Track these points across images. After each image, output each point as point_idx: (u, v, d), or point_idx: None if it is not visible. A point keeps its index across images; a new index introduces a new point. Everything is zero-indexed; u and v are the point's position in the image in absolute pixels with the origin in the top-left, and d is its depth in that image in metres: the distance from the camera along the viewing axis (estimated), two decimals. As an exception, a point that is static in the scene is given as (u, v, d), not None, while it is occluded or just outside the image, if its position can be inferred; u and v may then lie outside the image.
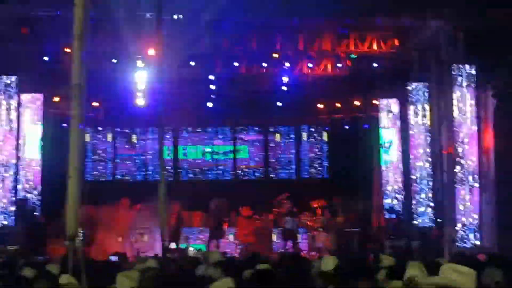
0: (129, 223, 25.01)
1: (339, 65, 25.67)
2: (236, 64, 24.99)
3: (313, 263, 9.54)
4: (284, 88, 26.54)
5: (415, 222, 24.68)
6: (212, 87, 25.96)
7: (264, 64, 25.52)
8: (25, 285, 8.03)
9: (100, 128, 29.04)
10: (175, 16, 22.05)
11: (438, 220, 23.12)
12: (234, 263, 11.11)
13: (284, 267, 10.64)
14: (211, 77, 25.51)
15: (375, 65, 25.28)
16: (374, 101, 27.88)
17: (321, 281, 8.52)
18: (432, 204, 24.15)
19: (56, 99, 26.45)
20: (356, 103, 28.50)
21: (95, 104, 26.50)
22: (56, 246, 21.91)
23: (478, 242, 21.44)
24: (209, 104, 27.58)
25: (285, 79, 26.20)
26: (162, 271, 9.58)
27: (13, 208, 22.99)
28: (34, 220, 24.11)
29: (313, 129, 30.27)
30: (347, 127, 28.77)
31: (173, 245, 23.37)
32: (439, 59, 22.87)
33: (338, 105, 29.14)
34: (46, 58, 23.49)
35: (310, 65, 25.83)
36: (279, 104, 27.44)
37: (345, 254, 21.31)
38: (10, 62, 22.74)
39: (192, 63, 24.73)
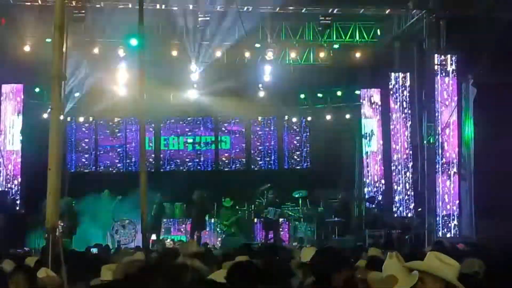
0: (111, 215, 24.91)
1: (321, 54, 25.65)
2: (218, 52, 24.91)
3: (293, 254, 9.56)
4: (267, 78, 26.51)
5: (395, 212, 24.81)
6: (195, 76, 25.82)
7: (247, 54, 25.44)
8: (3, 278, 7.98)
9: (81, 119, 28.83)
10: (157, 6, 22.00)
11: (418, 209, 23.23)
12: (211, 254, 11.16)
13: (264, 258, 10.66)
14: (193, 66, 25.37)
15: (357, 54, 25.31)
16: (356, 91, 27.91)
17: (301, 272, 8.54)
18: (412, 193, 24.27)
19: (37, 89, 26.31)
20: (338, 93, 28.52)
21: (76, 94, 26.31)
22: (35, 238, 21.89)
23: (457, 231, 21.60)
24: (192, 93, 27.49)
25: (268, 68, 26.16)
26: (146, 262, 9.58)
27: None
28: (14, 212, 23.96)
29: (294, 119, 30.23)
30: (328, 117, 28.74)
31: (153, 237, 23.35)
32: (420, 49, 22.92)
33: (320, 95, 29.14)
34: (27, 49, 23.32)
35: (293, 54, 25.82)
36: (261, 94, 27.39)
37: (325, 244, 21.31)
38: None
39: (174, 53, 24.68)
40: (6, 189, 24.34)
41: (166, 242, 22.33)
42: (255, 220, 26.40)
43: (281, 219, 25.76)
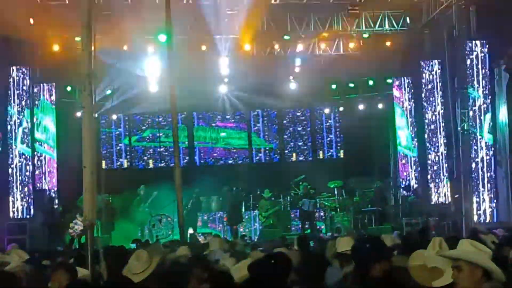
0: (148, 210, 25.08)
1: (351, 44, 25.55)
2: (247, 46, 24.88)
3: (329, 244, 9.55)
4: (297, 69, 26.49)
5: (432, 199, 24.70)
6: (225, 70, 25.79)
7: (276, 46, 25.41)
8: (44, 275, 8.07)
9: (114, 116, 29.00)
10: (185, 1, 22.05)
11: (455, 196, 23.08)
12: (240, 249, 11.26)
13: (300, 249, 10.70)
14: (222, 60, 25.34)
15: (387, 43, 25.17)
16: (388, 80, 27.79)
17: (337, 261, 8.54)
18: (448, 180, 24.13)
19: (68, 88, 26.49)
20: (370, 82, 28.38)
21: (108, 92, 26.47)
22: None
23: (494, 217, 21.47)
24: (222, 88, 27.56)
25: (298, 60, 26.13)
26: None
27: (31, 199, 23.13)
28: (52, 210, 24.19)
29: (327, 110, 30.19)
30: (361, 107, 28.63)
31: (190, 230, 23.50)
32: (451, 36, 22.74)
33: (351, 85, 29.03)
34: (56, 48, 23.48)
35: (322, 45, 25.74)
36: (292, 86, 27.35)
37: (363, 234, 21.30)
38: (21, 53, 22.80)
39: (204, 47, 24.73)
40: (44, 188, 24.59)
41: (198, 236, 22.39)
42: (292, 211, 26.42)
43: (317, 210, 25.81)
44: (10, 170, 22.85)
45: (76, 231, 21.83)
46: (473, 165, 21.53)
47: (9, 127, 23.03)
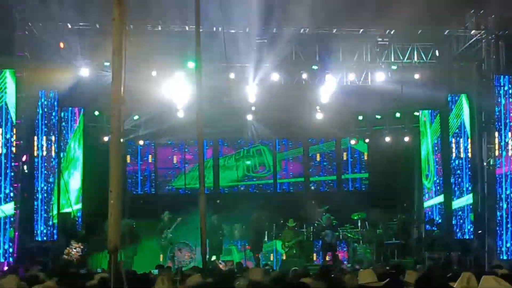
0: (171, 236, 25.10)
1: (379, 76, 25.48)
2: (275, 75, 24.91)
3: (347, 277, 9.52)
4: (324, 99, 26.46)
5: (455, 234, 24.50)
6: (252, 98, 25.80)
7: (304, 75, 25.41)
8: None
9: (141, 142, 29.10)
10: (214, 29, 22.16)
11: (479, 231, 22.91)
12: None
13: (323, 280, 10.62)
14: (250, 88, 25.35)
15: (415, 76, 25.08)
16: (415, 113, 27.69)
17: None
18: (472, 215, 23.95)
19: (96, 113, 26.65)
20: (397, 114, 28.25)
21: (136, 117, 26.62)
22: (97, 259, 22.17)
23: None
24: (249, 117, 27.61)
25: (325, 90, 26.10)
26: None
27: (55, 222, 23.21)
28: (75, 233, 24.26)
29: (353, 142, 30.13)
30: (387, 139, 28.50)
31: (213, 258, 23.47)
32: (479, 70, 22.69)
33: (378, 116, 28.95)
34: (85, 73, 23.60)
35: (351, 76, 25.72)
36: (319, 116, 27.32)
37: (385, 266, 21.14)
38: (50, 77, 22.95)
39: (232, 75, 24.78)
40: (68, 211, 24.68)
41: (219, 263, 22.35)
42: (314, 242, 26.32)
43: (339, 241, 25.71)
44: (36, 194, 22.94)
45: (72, 256, 21.91)
46: (498, 200, 21.39)
47: (36, 152, 23.11)
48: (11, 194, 20.89)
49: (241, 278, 8.86)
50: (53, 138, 23.39)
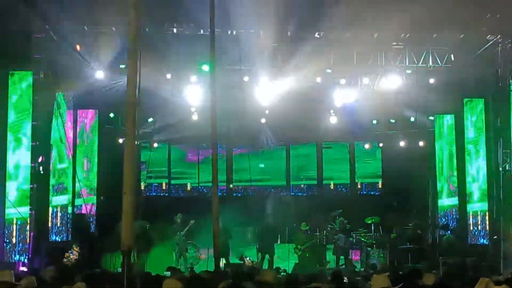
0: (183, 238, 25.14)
1: (394, 80, 25.42)
2: (289, 78, 24.91)
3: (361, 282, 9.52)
4: (338, 103, 26.43)
5: (470, 239, 24.41)
6: (265, 101, 25.80)
7: (318, 79, 25.37)
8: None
9: (155, 144, 29.15)
10: (229, 32, 22.18)
11: (494, 237, 22.81)
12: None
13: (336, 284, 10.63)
14: (264, 91, 25.35)
15: (430, 80, 25.02)
16: (430, 117, 27.62)
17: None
18: (487, 221, 23.84)
19: (111, 115, 26.74)
20: (411, 119, 28.17)
21: (150, 119, 26.70)
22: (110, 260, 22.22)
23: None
24: (263, 120, 27.63)
25: (339, 93, 26.08)
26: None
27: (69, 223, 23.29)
28: (89, 234, 24.34)
29: (367, 146, 30.08)
30: (402, 144, 28.41)
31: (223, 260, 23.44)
32: (496, 74, 22.60)
33: (392, 121, 28.91)
34: (100, 75, 23.66)
35: (365, 80, 25.70)
36: (332, 119, 27.30)
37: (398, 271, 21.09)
38: (67, 79, 23.04)
39: (246, 78, 24.78)
40: (82, 212, 24.76)
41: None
42: (327, 246, 26.27)
43: (353, 245, 25.66)
44: (50, 194, 23.00)
45: (70, 260, 21.96)
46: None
47: (52, 152, 23.20)
48: (27, 194, 20.92)
49: (248, 282, 8.83)
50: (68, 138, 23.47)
